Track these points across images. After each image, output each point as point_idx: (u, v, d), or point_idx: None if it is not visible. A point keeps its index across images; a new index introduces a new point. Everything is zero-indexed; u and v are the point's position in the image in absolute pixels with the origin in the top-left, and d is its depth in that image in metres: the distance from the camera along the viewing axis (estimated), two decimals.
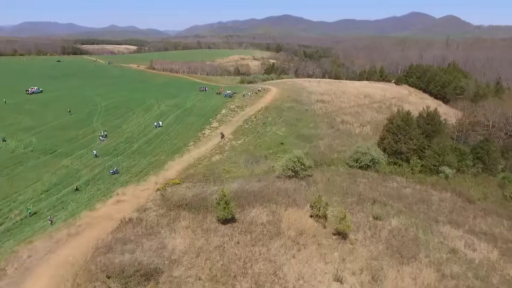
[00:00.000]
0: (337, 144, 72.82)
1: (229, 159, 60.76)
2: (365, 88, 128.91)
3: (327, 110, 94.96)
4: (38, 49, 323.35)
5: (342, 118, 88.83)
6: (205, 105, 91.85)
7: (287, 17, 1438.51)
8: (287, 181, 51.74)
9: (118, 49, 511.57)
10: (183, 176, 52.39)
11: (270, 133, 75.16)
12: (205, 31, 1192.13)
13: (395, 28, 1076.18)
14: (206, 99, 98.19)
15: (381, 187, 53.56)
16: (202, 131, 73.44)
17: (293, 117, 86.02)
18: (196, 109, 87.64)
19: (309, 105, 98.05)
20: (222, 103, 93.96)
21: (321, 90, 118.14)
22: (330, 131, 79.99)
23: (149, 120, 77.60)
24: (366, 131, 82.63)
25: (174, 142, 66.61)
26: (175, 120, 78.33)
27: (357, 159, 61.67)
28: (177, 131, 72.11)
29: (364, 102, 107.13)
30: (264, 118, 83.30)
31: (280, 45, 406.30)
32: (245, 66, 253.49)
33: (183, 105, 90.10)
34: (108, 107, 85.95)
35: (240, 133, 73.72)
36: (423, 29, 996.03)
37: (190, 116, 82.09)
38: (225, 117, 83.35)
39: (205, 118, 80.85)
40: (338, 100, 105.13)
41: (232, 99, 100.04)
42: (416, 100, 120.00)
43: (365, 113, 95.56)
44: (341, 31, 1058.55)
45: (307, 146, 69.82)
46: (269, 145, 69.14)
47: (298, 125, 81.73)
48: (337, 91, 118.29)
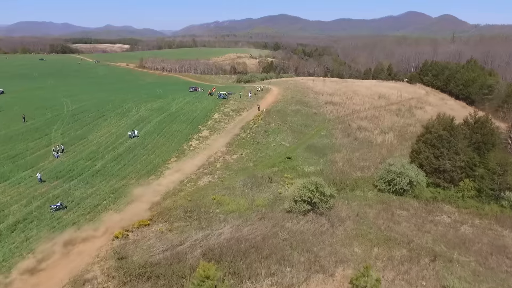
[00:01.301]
0: (357, 158, 58.16)
1: (221, 182, 45.87)
2: (378, 87, 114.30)
3: (339, 113, 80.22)
4: (24, 48, 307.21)
5: (359, 124, 74.13)
6: (194, 108, 76.81)
7: (284, 16, 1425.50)
8: (301, 218, 37.02)
9: (112, 48, 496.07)
10: (156, 212, 37.47)
11: (273, 144, 60.31)
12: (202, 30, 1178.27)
13: (392, 27, 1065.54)
14: (196, 101, 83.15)
15: (430, 225, 38.80)
16: (188, 142, 58.45)
17: (300, 123, 71.23)
18: (183, 113, 72.58)
19: (317, 107, 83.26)
20: (215, 106, 78.97)
21: (329, 90, 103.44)
22: (347, 140, 65.28)
23: (123, 128, 62.54)
24: (390, 140, 67.94)
25: (151, 158, 51.61)
26: (156, 128, 63.27)
27: (389, 181, 46.98)
28: (157, 143, 57.09)
29: (380, 103, 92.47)
30: (266, 125, 68.44)
31: (278, 43, 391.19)
32: (242, 65, 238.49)
33: (167, 109, 75.00)
34: (75, 112, 70.72)
35: (236, 145, 58.85)
36: (419, 28, 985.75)
37: (174, 122, 67.05)
38: (217, 123, 68.42)
39: (193, 125, 65.84)
40: (351, 102, 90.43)
41: (227, 100, 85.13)
42: (436, 101, 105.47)
43: (383, 117, 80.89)
44: (338, 30, 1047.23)
45: (321, 162, 55.17)
46: (273, 160, 54.35)
47: (307, 133, 66.99)
48: (347, 91, 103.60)
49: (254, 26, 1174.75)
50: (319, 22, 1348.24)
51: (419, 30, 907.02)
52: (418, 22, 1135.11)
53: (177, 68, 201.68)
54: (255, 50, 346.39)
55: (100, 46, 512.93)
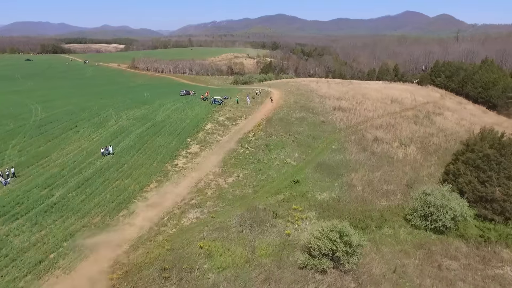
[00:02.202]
0: (379, 179, 48.02)
1: (212, 219, 35.60)
2: (388, 90, 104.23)
3: (351, 122, 70.02)
4: (12, 48, 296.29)
5: (374, 134, 63.97)
6: (183, 116, 66.41)
7: (281, 16, 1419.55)
8: (320, 279, 26.92)
9: (106, 48, 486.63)
10: (121, 273, 27.19)
11: (277, 162, 50.05)
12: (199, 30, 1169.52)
13: (389, 27, 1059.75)
14: (186, 108, 72.78)
15: (495, 285, 28.78)
16: (174, 161, 48.13)
17: (307, 134, 60.95)
18: (170, 123, 62.17)
19: (325, 115, 73.04)
20: (208, 114, 68.61)
21: (336, 94, 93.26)
22: (363, 156, 55.08)
23: (97, 143, 52.14)
24: (412, 155, 57.82)
25: (125, 183, 41.26)
26: (136, 142, 52.86)
27: (426, 216, 36.94)
28: (135, 162, 46.76)
29: (393, 109, 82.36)
30: (267, 137, 58.16)
31: (276, 43, 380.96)
32: (239, 65, 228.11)
33: (152, 118, 64.57)
34: (43, 122, 60.22)
35: (232, 164, 48.56)
36: (417, 28, 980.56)
37: (159, 134, 56.67)
38: (210, 135, 58.07)
39: (181, 138, 55.47)
40: (362, 108, 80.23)
41: (222, 107, 74.84)
42: (453, 105, 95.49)
43: (400, 126, 70.78)
44: (335, 30, 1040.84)
45: (336, 186, 45.01)
46: (277, 184, 44.14)
47: (316, 146, 56.74)
48: (356, 94, 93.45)
49: (251, 26, 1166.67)
50: (317, 22, 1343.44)
51: (416, 30, 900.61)
52: (416, 21, 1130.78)
53: (171, 69, 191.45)
54: (253, 50, 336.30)
55: (94, 46, 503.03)
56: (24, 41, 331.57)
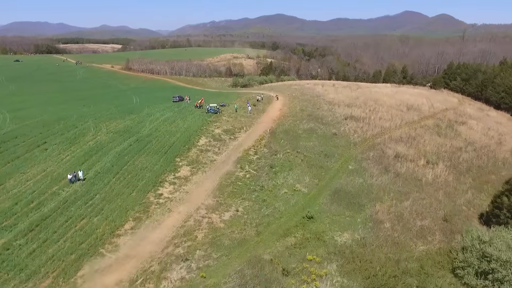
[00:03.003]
0: (409, 210, 39.16)
1: (202, 280, 26.67)
2: (401, 95, 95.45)
3: (366, 133, 61.08)
4: (4, 48, 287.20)
5: (395, 149, 55.06)
6: (173, 129, 57.37)
7: (280, 16, 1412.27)
8: None
9: (104, 48, 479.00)
10: None
11: (284, 189, 41.08)
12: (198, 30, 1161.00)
13: (388, 27, 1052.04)
14: (178, 118, 63.75)
15: None
16: (158, 189, 39.15)
17: (318, 151, 52.00)
18: (158, 138, 53.12)
19: (336, 125, 64.10)
20: (202, 125, 59.58)
21: (345, 100, 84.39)
22: (386, 178, 46.17)
23: (67, 165, 43.18)
24: (442, 176, 48.96)
25: (93, 224, 32.32)
26: (114, 164, 43.86)
27: (486, 273, 28.08)
28: (109, 192, 37.80)
29: (411, 117, 73.50)
30: (271, 155, 49.18)
31: (276, 43, 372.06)
32: (239, 66, 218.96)
33: (137, 131, 55.48)
34: (7, 137, 51.13)
35: (229, 193, 39.59)
36: (416, 28, 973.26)
37: (143, 153, 47.67)
38: (204, 153, 49.09)
39: (169, 158, 46.48)
40: (376, 116, 71.32)
41: (219, 116, 65.89)
42: (475, 112, 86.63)
43: (422, 138, 61.93)
44: (334, 30, 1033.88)
45: (359, 222, 36.13)
46: (285, 222, 35.23)
47: (330, 167, 47.80)
48: (367, 100, 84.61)
49: (250, 26, 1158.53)
50: (316, 22, 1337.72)
51: (416, 30, 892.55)
52: (415, 21, 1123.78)
53: (167, 70, 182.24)
54: (253, 50, 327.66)
55: (91, 46, 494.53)
56: (17, 41, 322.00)
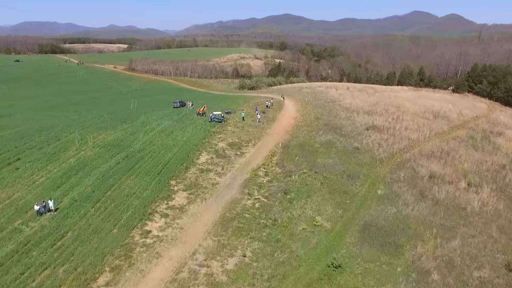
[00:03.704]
0: (460, 254, 31.08)
1: None
2: (424, 100, 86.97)
3: (392, 148, 52.97)
4: (8, 48, 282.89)
5: (429, 168, 46.87)
6: (170, 142, 49.71)
7: (288, 16, 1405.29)
8: None
9: (110, 48, 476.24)
10: None
11: (302, 223, 33.18)
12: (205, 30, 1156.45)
13: (397, 27, 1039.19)
14: (177, 128, 56.13)
15: None
16: (146, 225, 31.48)
17: (339, 170, 44.04)
18: (151, 153, 45.49)
19: (357, 137, 56.06)
20: (204, 137, 51.89)
21: (363, 105, 76.33)
22: (423, 206, 38.07)
23: (38, 190, 35.73)
24: (491, 203, 40.68)
25: (58, 277, 24.65)
26: (96, 189, 36.27)
27: None
28: (85, 229, 30.23)
29: (440, 127, 65.12)
30: (285, 177, 41.32)
31: (284, 43, 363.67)
32: (246, 66, 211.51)
33: (128, 144, 47.90)
34: None
35: (234, 229, 31.81)
36: (425, 28, 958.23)
37: (132, 173, 40.05)
38: (204, 174, 41.35)
39: (162, 180, 38.78)
40: (401, 126, 63.07)
41: (224, 126, 58.18)
42: (509, 120, 77.95)
43: (457, 153, 53.59)
44: (342, 30, 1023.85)
45: (399, 272, 28.13)
46: (306, 273, 27.37)
47: (355, 191, 39.82)
48: (388, 106, 76.44)
49: (258, 26, 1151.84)
50: (324, 22, 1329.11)
51: (425, 30, 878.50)
52: (424, 21, 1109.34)
53: (171, 71, 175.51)
54: (260, 50, 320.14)
55: (97, 46, 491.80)
56: (21, 41, 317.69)
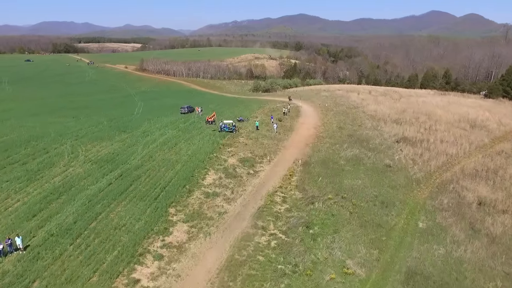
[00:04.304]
0: None
1: None
2: (456, 107, 78.97)
3: (429, 165, 45.59)
4: (21, 47, 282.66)
5: (476, 192, 39.37)
6: (173, 157, 43.24)
7: (303, 16, 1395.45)
8: None
9: (124, 47, 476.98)
10: None
11: (329, 270, 26.28)
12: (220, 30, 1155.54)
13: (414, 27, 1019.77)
14: (182, 139, 49.69)
15: None
16: (133, 270, 24.93)
17: (371, 195, 36.97)
18: (149, 171, 39.04)
19: (387, 152, 48.79)
20: (212, 151, 45.29)
21: (390, 113, 68.94)
22: (478, 245, 30.78)
23: (10, 219, 29.66)
24: None
25: None
26: (78, 218, 29.99)
27: None
28: (57, 274, 23.99)
29: (480, 139, 57.27)
30: (306, 204, 34.42)
31: (300, 43, 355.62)
32: (260, 67, 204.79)
33: (124, 159, 41.59)
34: None
35: (244, 278, 25.01)
36: (443, 28, 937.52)
37: (125, 197, 33.69)
38: (210, 200, 34.72)
39: (159, 207, 32.25)
40: (435, 137, 55.52)
41: (235, 137, 51.57)
42: None
43: (506, 172, 45.85)
44: (358, 30, 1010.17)
45: None
46: None
47: (391, 223, 32.70)
48: (417, 114, 68.84)
49: (272, 26, 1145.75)
50: (339, 22, 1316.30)
51: (443, 30, 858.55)
52: (442, 21, 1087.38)
53: (183, 71, 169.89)
54: (275, 50, 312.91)
55: (112, 45, 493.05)
56: (36, 40, 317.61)
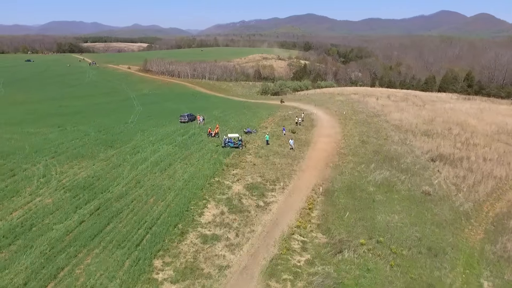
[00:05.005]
0: None
1: None
2: (490, 115, 70.38)
3: (476, 191, 37.17)
4: (25, 47, 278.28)
5: None
6: (164, 182, 35.12)
7: (311, 16, 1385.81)
8: None
9: (130, 47, 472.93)
10: None
11: None
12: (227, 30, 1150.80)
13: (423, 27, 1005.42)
14: (178, 157, 41.67)
15: None
16: None
17: (413, 237, 28.75)
18: (134, 202, 31.19)
19: (423, 173, 40.45)
20: (212, 175, 37.01)
21: (417, 123, 60.59)
22: None
23: None
24: None
25: None
26: (30, 278, 22.31)
27: None
28: None
29: None
30: (332, 254, 26.24)
31: (309, 43, 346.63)
32: (269, 68, 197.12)
33: (104, 186, 33.57)
34: None
35: None
36: (453, 28, 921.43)
37: (97, 244, 25.85)
38: (208, 246, 26.63)
39: (141, 258, 24.38)
40: (476, 154, 47.04)
41: (241, 154, 43.56)
42: None
43: None
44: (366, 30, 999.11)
45: None
46: None
47: (447, 283, 24.65)
48: (447, 123, 60.46)
49: (280, 26, 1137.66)
50: (347, 22, 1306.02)
51: (452, 30, 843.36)
52: (452, 21, 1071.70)
53: (189, 72, 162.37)
54: (283, 51, 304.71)
55: (118, 45, 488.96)
56: (40, 40, 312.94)
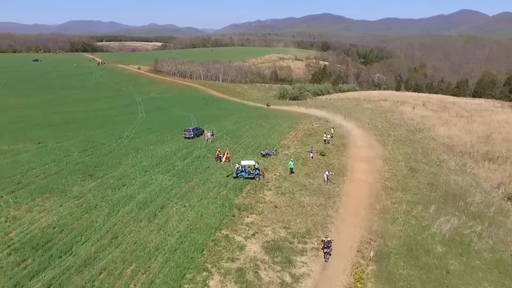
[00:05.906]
0: None
1: None
2: None
3: None
4: (37, 46, 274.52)
5: None
6: (150, 239, 25.08)
7: (327, 15, 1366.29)
8: None
9: (145, 46, 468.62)
10: None
11: None
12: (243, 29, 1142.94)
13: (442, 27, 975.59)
14: (174, 194, 31.69)
15: None
16: None
17: None
18: (103, 278, 21.42)
19: (505, 223, 29.81)
20: (218, 226, 26.63)
21: (471, 140, 49.67)
22: None
23: None
24: None
25: None
26: None
27: None
28: None
29: None
30: None
31: (327, 43, 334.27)
32: (286, 69, 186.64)
33: (66, 245, 23.69)
34: None
35: None
36: (473, 28, 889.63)
37: None
38: None
39: None
40: None
41: (258, 187, 33.44)
42: None
43: None
44: (384, 30, 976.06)
45: None
46: None
47: None
48: (508, 141, 49.44)
49: (296, 25, 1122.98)
50: (364, 21, 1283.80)
51: (473, 30, 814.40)
52: (472, 21, 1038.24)
53: (201, 73, 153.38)
54: (300, 50, 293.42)
55: (133, 44, 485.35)
56: (53, 39, 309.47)
